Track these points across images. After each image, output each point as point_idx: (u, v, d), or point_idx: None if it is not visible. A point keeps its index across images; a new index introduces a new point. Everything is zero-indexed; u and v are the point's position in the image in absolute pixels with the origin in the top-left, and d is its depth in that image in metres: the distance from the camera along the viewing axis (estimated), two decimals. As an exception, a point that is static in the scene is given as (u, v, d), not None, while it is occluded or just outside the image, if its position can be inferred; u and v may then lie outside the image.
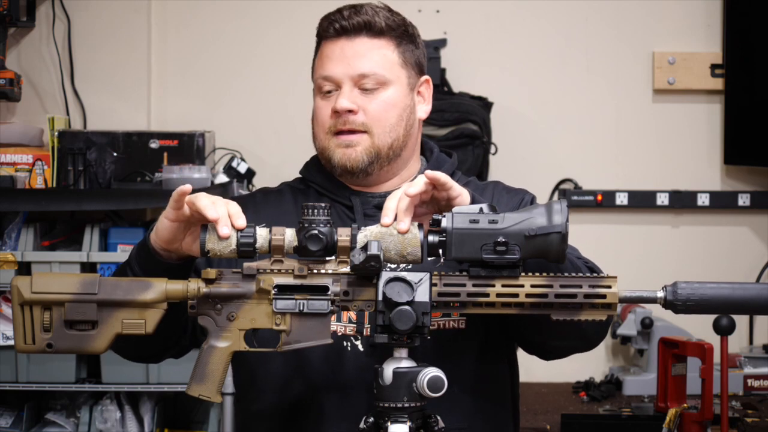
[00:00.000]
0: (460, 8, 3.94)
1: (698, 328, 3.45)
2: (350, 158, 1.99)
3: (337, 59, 2.00)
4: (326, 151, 2.01)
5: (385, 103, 2.00)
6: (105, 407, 3.54)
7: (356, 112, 1.99)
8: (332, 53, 2.01)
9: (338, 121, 1.99)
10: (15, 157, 3.63)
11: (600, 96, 3.97)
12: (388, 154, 2.01)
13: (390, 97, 2.01)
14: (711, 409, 2.86)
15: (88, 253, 3.43)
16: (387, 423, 1.70)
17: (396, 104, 2.01)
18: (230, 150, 3.79)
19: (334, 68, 2.00)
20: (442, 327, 1.95)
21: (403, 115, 2.02)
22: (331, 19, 2.02)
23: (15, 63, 3.82)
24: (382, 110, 2.00)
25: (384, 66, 2.01)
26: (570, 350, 1.97)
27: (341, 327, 1.94)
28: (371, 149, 1.99)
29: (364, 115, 1.99)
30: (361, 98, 1.99)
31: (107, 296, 1.70)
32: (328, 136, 2.01)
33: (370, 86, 1.99)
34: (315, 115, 2.04)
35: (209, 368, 1.73)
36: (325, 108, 2.01)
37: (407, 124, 2.03)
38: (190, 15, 3.96)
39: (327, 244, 1.70)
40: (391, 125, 2.00)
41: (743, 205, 3.91)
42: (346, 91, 1.99)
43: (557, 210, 1.69)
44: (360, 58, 2.00)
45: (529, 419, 3.22)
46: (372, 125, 1.99)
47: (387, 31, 2.02)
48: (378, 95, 2.00)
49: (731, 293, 1.70)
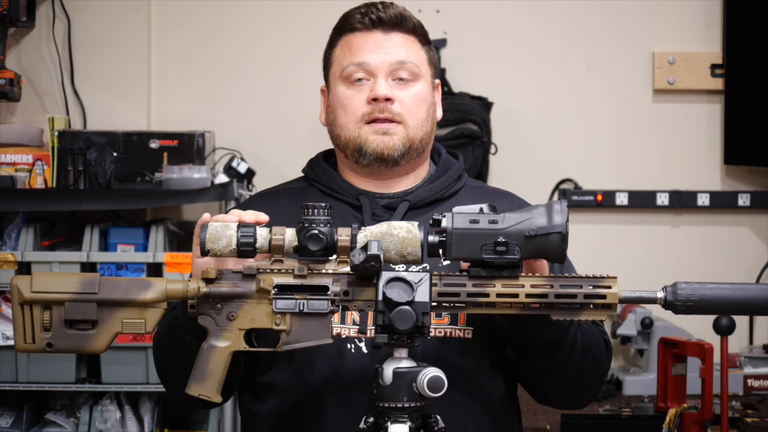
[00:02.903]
0: (460, 8, 3.94)
1: (698, 328, 3.45)
2: (387, 145, 1.97)
3: (373, 48, 1.99)
4: (356, 140, 1.99)
5: (417, 96, 2.00)
6: (105, 407, 3.54)
7: (393, 101, 1.98)
8: (366, 43, 2.00)
9: (376, 109, 1.97)
10: (15, 157, 3.62)
11: (600, 96, 3.97)
12: (418, 148, 2.01)
13: (420, 92, 2.01)
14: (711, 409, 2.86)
15: (88, 253, 3.43)
16: (387, 423, 1.69)
17: (425, 99, 2.02)
18: (230, 150, 3.79)
19: (370, 56, 1.99)
20: (448, 335, 1.95)
21: (430, 111, 2.03)
22: (364, 11, 2.02)
23: (15, 63, 3.82)
24: (415, 103, 2.00)
25: (417, 59, 2.02)
26: (560, 390, 1.98)
27: (345, 329, 1.94)
28: (406, 139, 1.98)
29: (400, 106, 1.98)
30: (395, 89, 1.99)
31: (107, 296, 1.70)
32: (359, 124, 1.98)
33: (405, 76, 1.99)
34: (342, 105, 2.00)
35: (209, 368, 1.72)
36: (356, 96, 1.99)
37: (432, 121, 2.04)
38: (190, 15, 3.96)
39: (327, 244, 1.70)
40: (422, 119, 2.00)
41: (743, 205, 3.91)
42: (383, 79, 1.98)
43: (557, 210, 1.69)
44: (397, 47, 2.00)
45: (529, 419, 3.22)
46: (407, 116, 1.98)
47: (416, 29, 2.04)
48: (410, 88, 2.00)
49: (731, 294, 1.70)
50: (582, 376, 1.93)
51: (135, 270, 3.43)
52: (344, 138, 2.00)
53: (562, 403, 2.06)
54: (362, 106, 1.98)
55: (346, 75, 2.00)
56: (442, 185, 2.05)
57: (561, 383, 1.95)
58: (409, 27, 2.03)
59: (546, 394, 2.01)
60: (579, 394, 2.00)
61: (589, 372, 1.94)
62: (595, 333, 1.94)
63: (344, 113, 2.00)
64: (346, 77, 2.00)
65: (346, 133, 2.00)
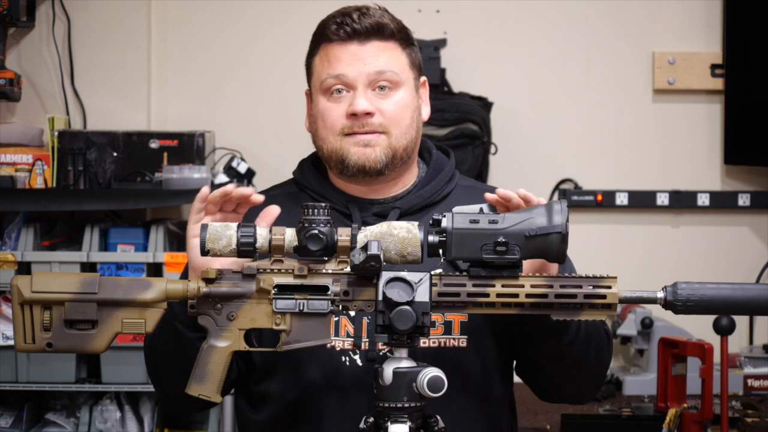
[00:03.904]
0: (460, 8, 3.94)
1: (698, 328, 3.45)
2: (369, 158, 1.95)
3: (350, 60, 1.96)
4: (338, 152, 1.96)
5: (399, 105, 1.97)
6: (105, 407, 3.54)
7: (374, 114, 1.95)
8: (342, 55, 1.96)
9: (355, 124, 1.94)
10: (15, 157, 3.62)
11: (600, 96, 3.97)
12: (402, 156, 1.98)
13: (402, 99, 1.98)
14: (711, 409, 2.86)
15: (88, 253, 3.43)
16: (387, 423, 1.70)
17: (408, 105, 1.98)
18: (230, 150, 3.79)
19: (347, 68, 1.95)
20: (443, 345, 1.95)
21: (414, 116, 2.00)
22: (339, 22, 1.97)
23: (15, 63, 3.81)
24: (398, 111, 1.97)
25: (396, 66, 1.98)
26: (565, 377, 1.97)
27: (339, 341, 1.93)
28: (389, 150, 1.96)
29: (381, 117, 1.95)
30: (376, 100, 1.96)
31: (107, 296, 1.70)
32: (339, 137, 1.96)
33: (385, 85, 1.96)
34: (322, 117, 1.98)
35: (209, 368, 1.73)
36: (335, 109, 1.96)
37: (417, 125, 2.01)
38: (189, 15, 3.96)
39: (327, 244, 1.70)
40: (406, 126, 1.97)
41: (743, 205, 3.91)
42: (362, 92, 1.95)
43: (557, 210, 1.69)
44: (374, 58, 1.96)
45: (529, 419, 3.22)
46: (390, 126, 1.96)
47: (395, 34, 1.99)
48: (392, 97, 1.96)
49: (731, 294, 1.70)
50: (586, 361, 1.93)
51: (135, 270, 3.43)
52: (326, 150, 1.99)
53: (567, 393, 2.03)
54: (341, 120, 1.95)
55: (325, 87, 1.97)
56: (432, 190, 2.03)
57: (566, 369, 1.93)
58: (387, 33, 1.98)
59: (551, 383, 2.00)
60: (583, 383, 1.99)
61: (593, 359, 1.94)
62: (597, 323, 1.93)
63: (324, 126, 1.98)
64: (325, 89, 1.97)
65: (327, 145, 1.98)
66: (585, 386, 2.01)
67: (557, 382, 1.99)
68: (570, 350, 1.90)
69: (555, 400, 2.07)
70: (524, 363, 2.01)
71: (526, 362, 2.00)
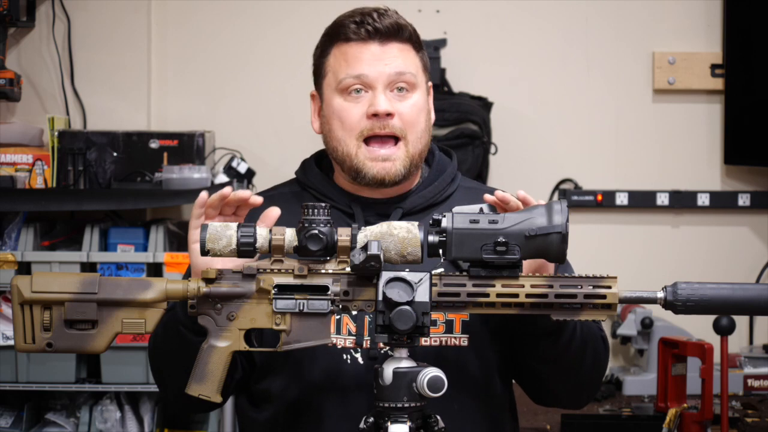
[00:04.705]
0: (460, 8, 3.94)
1: (698, 328, 3.45)
2: (389, 173, 1.94)
3: (370, 60, 1.94)
4: (353, 160, 1.95)
5: (416, 107, 1.96)
6: (105, 407, 3.54)
7: (393, 116, 1.94)
8: (362, 54, 1.94)
9: (376, 125, 1.93)
10: (15, 157, 3.62)
11: (600, 96, 3.97)
12: (418, 162, 1.98)
13: (418, 101, 1.97)
14: (711, 409, 2.86)
15: (88, 253, 3.43)
16: (387, 423, 1.70)
17: (423, 108, 1.98)
18: (230, 150, 3.79)
19: (368, 68, 1.94)
20: (444, 344, 1.95)
21: (427, 120, 2.00)
22: (359, 21, 1.95)
23: (15, 63, 3.82)
24: (414, 114, 1.96)
25: (413, 68, 1.98)
26: (561, 381, 1.97)
27: (341, 339, 1.93)
28: (407, 160, 1.95)
29: (400, 120, 1.94)
30: (394, 101, 1.94)
31: (107, 296, 1.70)
32: (358, 142, 1.94)
33: (403, 87, 1.95)
34: (339, 117, 1.96)
35: (209, 368, 1.73)
36: (354, 109, 1.94)
37: (429, 128, 2.01)
38: (189, 15, 3.96)
39: (327, 244, 1.70)
40: (421, 131, 1.97)
41: (743, 205, 3.91)
42: (381, 92, 1.94)
43: (557, 210, 1.69)
44: (394, 59, 1.95)
45: (529, 419, 3.22)
46: (407, 131, 1.95)
47: (411, 36, 1.99)
48: (409, 99, 1.96)
49: (731, 294, 1.70)
50: (583, 366, 1.93)
51: (135, 270, 3.43)
52: (341, 152, 1.97)
53: (562, 397, 2.03)
54: (361, 121, 1.94)
55: (343, 87, 1.95)
56: (435, 190, 2.03)
57: (562, 373, 1.93)
58: (405, 36, 1.97)
59: (547, 388, 1.99)
60: (579, 387, 1.99)
61: (589, 364, 1.94)
62: (594, 328, 1.94)
63: (341, 126, 1.96)
64: (343, 89, 1.95)
65: (343, 147, 1.96)
66: (580, 391, 2.00)
67: (552, 385, 1.98)
68: (565, 353, 1.89)
69: (549, 404, 2.07)
70: (520, 364, 2.01)
71: (521, 363, 2.00)
